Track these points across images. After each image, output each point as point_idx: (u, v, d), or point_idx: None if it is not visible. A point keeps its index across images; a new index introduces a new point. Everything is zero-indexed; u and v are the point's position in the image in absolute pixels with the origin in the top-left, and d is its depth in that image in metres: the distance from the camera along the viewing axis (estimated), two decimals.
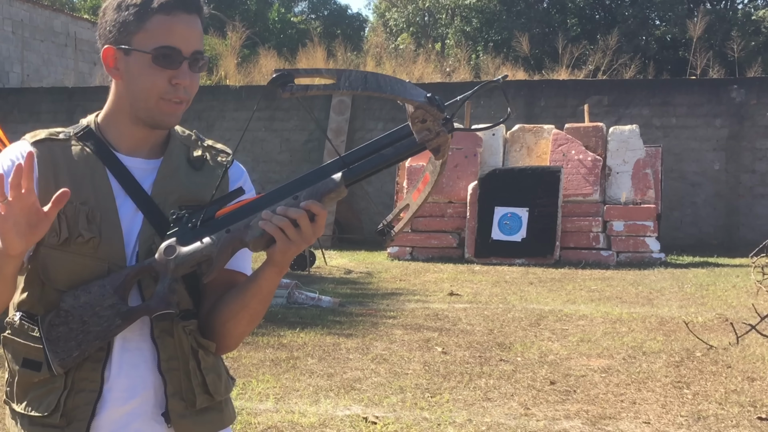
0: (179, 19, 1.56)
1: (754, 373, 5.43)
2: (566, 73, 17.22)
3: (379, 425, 4.38)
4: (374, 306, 8.10)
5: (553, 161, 12.20)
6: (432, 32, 31.45)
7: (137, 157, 1.65)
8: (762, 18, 25.73)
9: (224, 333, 1.65)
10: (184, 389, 1.62)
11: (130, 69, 1.59)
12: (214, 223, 1.55)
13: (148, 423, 1.61)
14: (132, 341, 1.60)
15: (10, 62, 18.73)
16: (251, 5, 33.41)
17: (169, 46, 1.56)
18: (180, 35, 1.56)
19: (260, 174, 15.84)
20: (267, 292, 1.61)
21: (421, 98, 1.47)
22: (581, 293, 8.87)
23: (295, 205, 1.50)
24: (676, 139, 14.43)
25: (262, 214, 1.52)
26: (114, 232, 1.58)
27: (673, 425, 4.43)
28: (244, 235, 1.53)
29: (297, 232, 1.51)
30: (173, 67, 1.57)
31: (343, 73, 1.46)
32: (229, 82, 17.20)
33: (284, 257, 1.54)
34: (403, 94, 1.47)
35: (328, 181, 1.52)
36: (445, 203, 12.45)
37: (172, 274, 1.55)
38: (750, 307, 7.20)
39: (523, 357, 5.92)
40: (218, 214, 1.56)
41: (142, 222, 1.61)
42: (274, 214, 1.51)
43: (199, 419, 1.64)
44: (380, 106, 15.47)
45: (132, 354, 1.60)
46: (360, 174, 1.54)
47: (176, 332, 1.61)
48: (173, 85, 1.57)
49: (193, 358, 1.62)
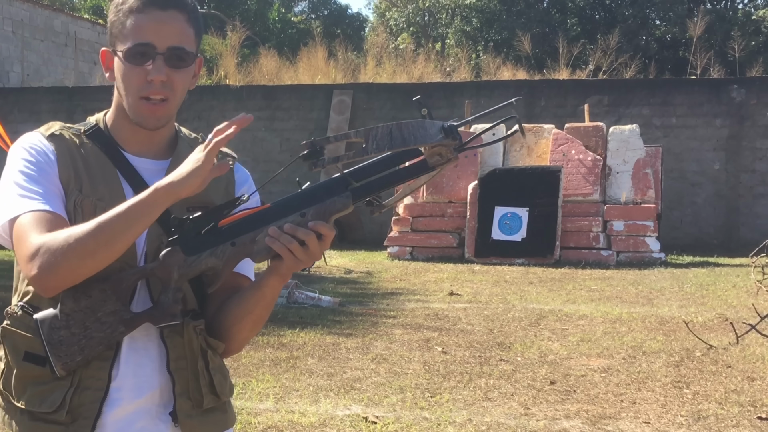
0: (152, 16, 1.57)
1: (754, 372, 5.43)
2: (566, 73, 17.22)
3: (379, 425, 4.38)
4: (374, 306, 8.10)
5: (553, 161, 12.20)
6: (432, 32, 31.44)
7: (145, 157, 1.66)
8: (762, 18, 25.73)
9: (228, 337, 1.67)
10: (192, 389, 1.62)
11: (116, 71, 1.62)
12: (218, 232, 1.54)
13: (152, 422, 1.61)
14: (139, 340, 1.60)
15: (10, 62, 18.73)
16: (251, 5, 33.40)
17: (140, 43, 1.57)
18: (152, 31, 1.57)
19: (260, 174, 15.82)
20: (270, 299, 1.63)
21: (440, 135, 1.49)
22: (581, 293, 8.87)
23: (303, 224, 1.50)
24: (676, 138, 14.43)
25: (269, 230, 1.51)
26: None
27: (673, 425, 4.43)
28: (249, 249, 1.53)
29: (304, 251, 1.52)
30: (144, 63, 1.58)
31: (369, 134, 1.47)
32: (229, 81, 17.19)
33: (289, 271, 1.57)
34: (425, 140, 1.48)
35: (337, 201, 1.52)
36: (445, 203, 12.45)
37: (176, 284, 1.55)
38: (750, 306, 7.20)
39: (523, 357, 5.92)
40: (222, 223, 1.55)
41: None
42: (282, 233, 1.51)
43: (204, 419, 1.65)
44: (380, 106, 15.48)
45: (140, 353, 1.60)
46: (368, 193, 1.54)
47: (186, 332, 1.61)
48: (148, 81, 1.58)
49: (201, 359, 1.63)
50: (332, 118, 15.42)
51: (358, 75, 17.96)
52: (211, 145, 1.47)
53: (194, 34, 1.63)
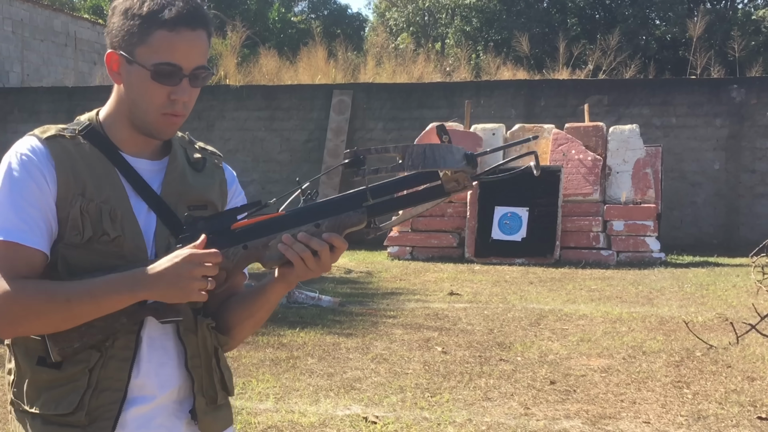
0: (182, 37, 1.55)
1: (754, 372, 5.43)
2: (566, 73, 17.22)
3: (379, 425, 4.38)
4: (374, 306, 8.10)
5: (553, 161, 12.20)
6: (432, 32, 31.45)
7: (142, 158, 1.65)
8: (762, 18, 25.73)
9: (230, 336, 1.71)
10: (206, 386, 1.64)
11: (130, 78, 1.58)
12: (230, 234, 1.56)
13: (169, 419, 1.63)
14: (157, 339, 1.61)
15: (10, 62, 18.73)
16: (251, 5, 33.40)
17: (169, 62, 1.55)
18: (182, 52, 1.56)
19: (260, 174, 15.83)
20: (274, 303, 1.67)
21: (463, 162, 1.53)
22: (581, 293, 8.87)
23: (318, 234, 1.52)
24: (676, 138, 14.43)
25: (283, 237, 1.53)
26: (135, 230, 1.59)
27: (673, 425, 4.43)
28: (261, 254, 1.55)
29: (316, 262, 1.54)
30: (172, 84, 1.57)
31: (407, 151, 1.51)
32: (229, 81, 17.19)
33: (297, 280, 1.59)
34: (453, 165, 1.53)
35: (352, 215, 1.54)
36: (445, 203, 12.44)
37: None
38: (750, 306, 7.20)
39: (523, 357, 5.92)
40: (235, 226, 1.56)
41: (156, 222, 1.61)
42: (295, 241, 1.53)
43: (216, 415, 1.68)
44: (380, 106, 15.47)
45: (159, 353, 1.61)
46: (382, 212, 1.56)
47: (200, 330, 1.63)
48: (172, 100, 1.58)
49: (214, 356, 1.66)
50: (332, 118, 15.42)
51: (358, 75, 17.96)
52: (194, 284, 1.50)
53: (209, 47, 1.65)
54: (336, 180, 15.08)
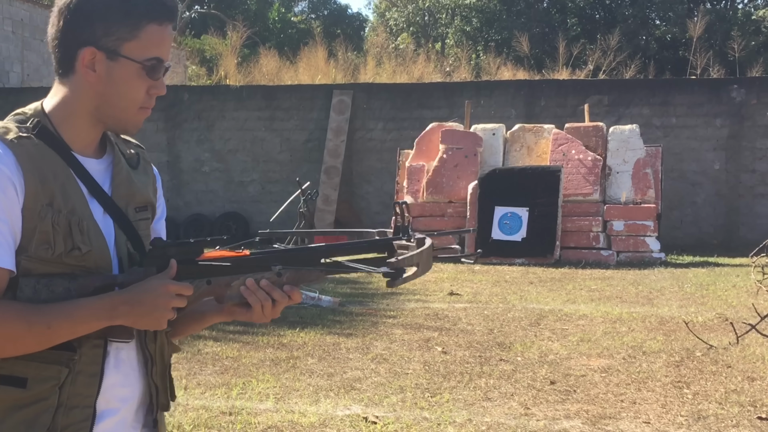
0: (168, 32, 1.56)
1: (754, 372, 5.43)
2: (566, 73, 17.23)
3: (379, 425, 4.38)
4: (374, 306, 8.10)
5: (553, 161, 12.21)
6: (432, 32, 31.46)
7: (88, 156, 1.58)
8: (762, 18, 25.74)
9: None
10: (161, 393, 1.65)
11: (112, 75, 1.52)
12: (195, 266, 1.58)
13: (127, 430, 1.61)
14: (123, 350, 1.58)
15: (10, 62, 18.73)
16: (251, 5, 33.42)
17: (158, 57, 1.55)
18: (165, 47, 1.57)
19: (260, 174, 15.83)
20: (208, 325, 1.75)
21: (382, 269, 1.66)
22: (581, 293, 8.87)
23: (279, 284, 1.59)
24: (676, 138, 14.43)
25: (247, 281, 1.59)
26: (101, 241, 1.53)
27: (673, 425, 4.43)
28: (221, 292, 1.60)
29: (272, 309, 1.60)
30: (156, 78, 1.56)
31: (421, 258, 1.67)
32: (229, 81, 17.20)
33: (247, 321, 1.65)
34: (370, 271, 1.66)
35: (313, 272, 1.62)
36: (445, 203, 12.45)
37: None
38: (750, 306, 7.20)
39: (523, 357, 5.92)
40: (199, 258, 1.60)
41: (114, 228, 1.57)
42: (259, 288, 1.58)
43: (163, 421, 1.71)
44: (380, 106, 15.48)
45: (125, 363, 1.59)
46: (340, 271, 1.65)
47: (159, 338, 1.64)
48: (150, 94, 1.57)
49: (168, 363, 1.68)
50: (332, 117, 15.42)
51: (358, 75, 17.97)
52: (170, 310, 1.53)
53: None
54: (336, 180, 15.09)
